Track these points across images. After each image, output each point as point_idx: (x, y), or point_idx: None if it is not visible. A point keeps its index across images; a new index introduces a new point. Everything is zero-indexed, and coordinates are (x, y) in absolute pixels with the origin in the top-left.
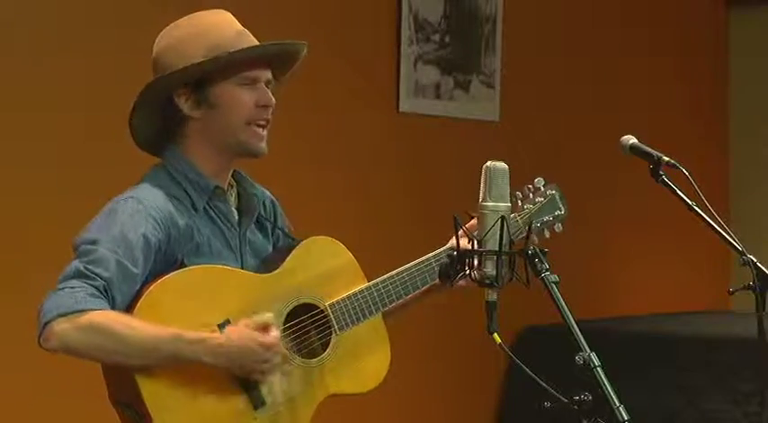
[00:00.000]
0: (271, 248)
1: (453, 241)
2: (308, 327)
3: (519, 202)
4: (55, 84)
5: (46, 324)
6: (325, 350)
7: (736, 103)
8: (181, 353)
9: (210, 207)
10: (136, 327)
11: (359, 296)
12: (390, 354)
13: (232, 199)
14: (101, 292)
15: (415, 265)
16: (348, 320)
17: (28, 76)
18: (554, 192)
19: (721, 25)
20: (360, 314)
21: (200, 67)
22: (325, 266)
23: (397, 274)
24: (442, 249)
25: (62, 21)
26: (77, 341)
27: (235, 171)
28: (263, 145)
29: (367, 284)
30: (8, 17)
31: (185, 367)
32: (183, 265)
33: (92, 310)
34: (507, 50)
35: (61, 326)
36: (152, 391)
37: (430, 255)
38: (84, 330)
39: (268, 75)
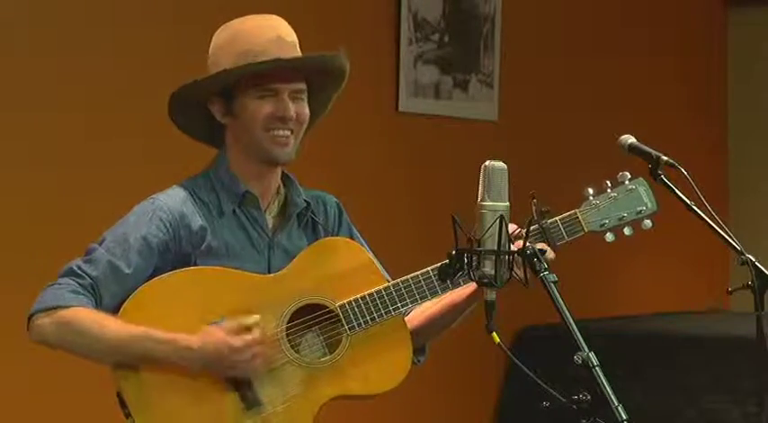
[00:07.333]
0: None
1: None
2: (316, 326)
3: (590, 197)
4: (55, 84)
5: (30, 317)
6: (335, 351)
7: (734, 103)
8: (149, 352)
9: (242, 211)
10: (107, 325)
11: (374, 296)
12: (410, 360)
13: (275, 204)
14: (86, 290)
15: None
16: (361, 321)
17: (28, 76)
18: (635, 186)
19: (720, 25)
20: (374, 314)
21: (218, 78)
22: (339, 267)
23: (423, 275)
24: None
25: (62, 21)
26: (52, 336)
27: (285, 176)
28: (285, 150)
29: (385, 285)
30: (8, 17)
31: (172, 366)
32: (194, 266)
33: (70, 306)
34: (506, 50)
35: (41, 320)
36: (133, 388)
37: None
38: (58, 326)
39: (296, 86)
